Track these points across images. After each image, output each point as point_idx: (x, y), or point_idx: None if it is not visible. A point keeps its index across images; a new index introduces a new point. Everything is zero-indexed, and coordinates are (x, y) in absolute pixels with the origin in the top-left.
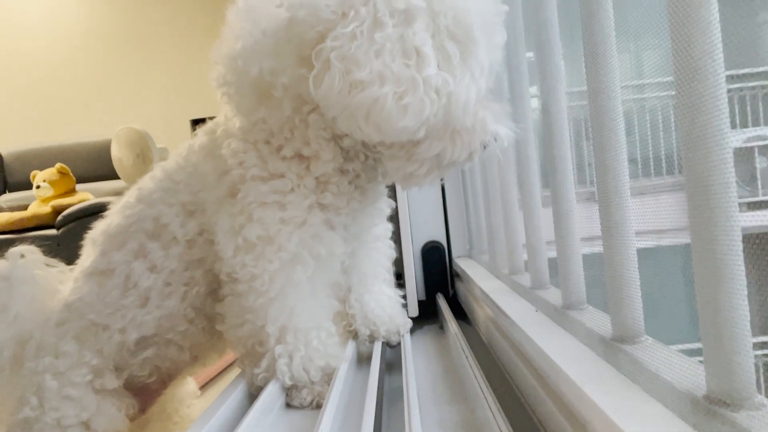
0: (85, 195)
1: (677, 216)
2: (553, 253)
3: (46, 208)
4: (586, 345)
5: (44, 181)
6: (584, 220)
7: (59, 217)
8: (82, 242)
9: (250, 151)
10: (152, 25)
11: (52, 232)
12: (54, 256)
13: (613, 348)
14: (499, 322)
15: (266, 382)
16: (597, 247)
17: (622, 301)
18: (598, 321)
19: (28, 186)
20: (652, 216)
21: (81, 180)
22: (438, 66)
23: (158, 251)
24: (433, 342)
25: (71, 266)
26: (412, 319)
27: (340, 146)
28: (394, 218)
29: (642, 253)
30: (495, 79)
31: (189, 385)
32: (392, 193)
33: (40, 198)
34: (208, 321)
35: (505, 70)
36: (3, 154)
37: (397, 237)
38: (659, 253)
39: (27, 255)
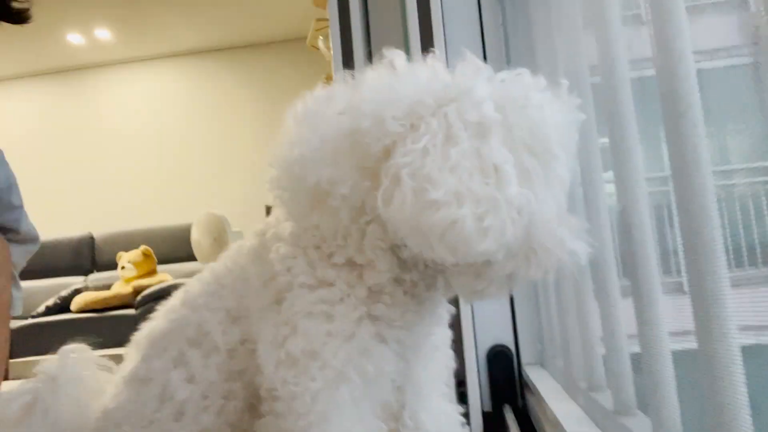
0: (164, 276)
1: None
2: (633, 347)
3: (128, 288)
4: None
5: (129, 262)
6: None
7: (138, 298)
8: None
9: (299, 256)
10: (232, 118)
11: (131, 312)
12: (131, 336)
13: None
14: None
15: None
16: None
17: None
18: None
19: (115, 266)
20: (749, 310)
21: (162, 261)
22: (518, 182)
23: (198, 360)
24: None
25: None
26: None
27: (398, 256)
28: (455, 320)
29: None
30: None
31: None
32: None
33: (123, 278)
34: None
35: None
36: (95, 236)
37: (458, 341)
38: (760, 352)
39: (77, 353)
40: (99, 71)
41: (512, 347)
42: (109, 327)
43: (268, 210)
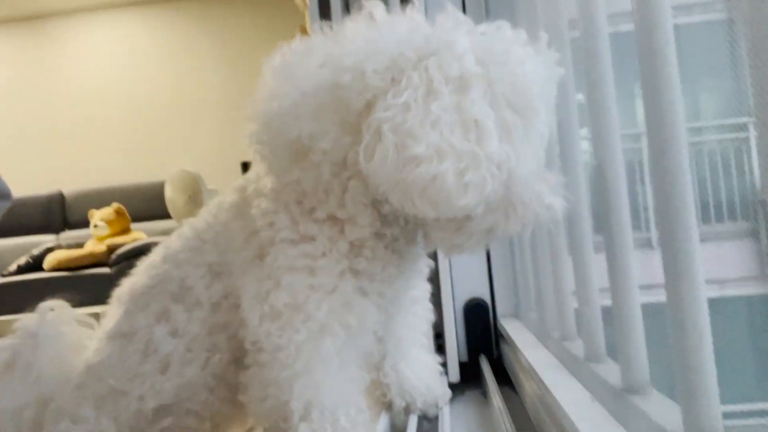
0: (139, 234)
1: (743, 264)
2: (606, 301)
3: (102, 247)
4: None
5: (101, 220)
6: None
7: (112, 256)
8: None
9: (280, 212)
10: (206, 72)
11: (106, 270)
12: (106, 295)
13: None
14: (549, 405)
15: None
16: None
17: (694, 389)
18: (667, 413)
19: (86, 224)
20: (715, 264)
21: (136, 219)
22: (498, 138)
23: (181, 314)
24: (476, 413)
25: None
26: (453, 384)
27: (379, 211)
28: (433, 274)
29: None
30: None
31: None
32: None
33: (96, 237)
34: (230, 391)
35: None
36: (65, 194)
37: (436, 295)
38: (722, 304)
39: (56, 310)
40: (64, 19)
41: (488, 300)
42: (84, 285)
43: (244, 167)
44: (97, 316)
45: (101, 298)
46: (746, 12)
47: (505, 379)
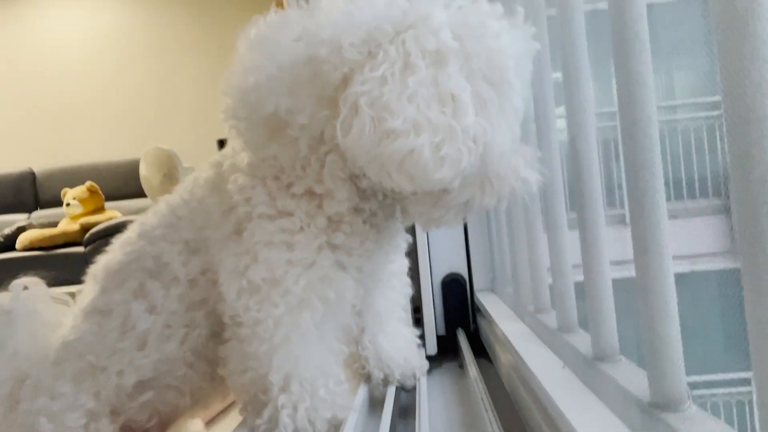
0: (113, 213)
1: (713, 240)
2: (579, 277)
3: (75, 226)
4: (621, 416)
5: (74, 198)
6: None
7: (87, 235)
8: None
9: (257, 186)
10: (180, 48)
11: (80, 249)
12: (81, 274)
13: (653, 418)
14: (523, 373)
15: None
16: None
17: (660, 356)
18: (635, 379)
19: (59, 203)
20: (686, 240)
21: (110, 198)
22: (474, 112)
23: (158, 291)
24: (452, 383)
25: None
26: (430, 357)
27: (357, 185)
28: (411, 249)
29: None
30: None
31: (195, 425)
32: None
33: (69, 215)
34: (209, 365)
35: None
36: (36, 172)
37: (414, 269)
38: (693, 279)
39: (30, 287)
40: None
41: (465, 275)
42: (58, 265)
43: (221, 144)
44: (72, 296)
45: (75, 277)
46: None
47: (481, 350)
